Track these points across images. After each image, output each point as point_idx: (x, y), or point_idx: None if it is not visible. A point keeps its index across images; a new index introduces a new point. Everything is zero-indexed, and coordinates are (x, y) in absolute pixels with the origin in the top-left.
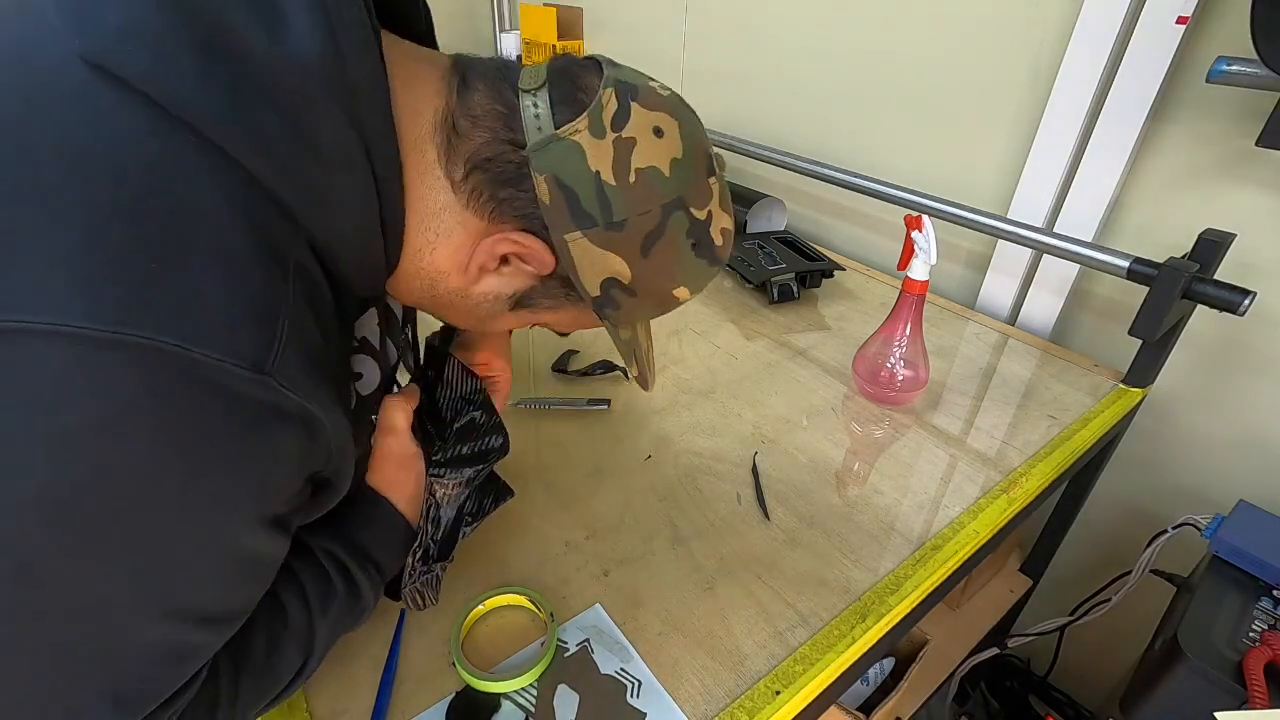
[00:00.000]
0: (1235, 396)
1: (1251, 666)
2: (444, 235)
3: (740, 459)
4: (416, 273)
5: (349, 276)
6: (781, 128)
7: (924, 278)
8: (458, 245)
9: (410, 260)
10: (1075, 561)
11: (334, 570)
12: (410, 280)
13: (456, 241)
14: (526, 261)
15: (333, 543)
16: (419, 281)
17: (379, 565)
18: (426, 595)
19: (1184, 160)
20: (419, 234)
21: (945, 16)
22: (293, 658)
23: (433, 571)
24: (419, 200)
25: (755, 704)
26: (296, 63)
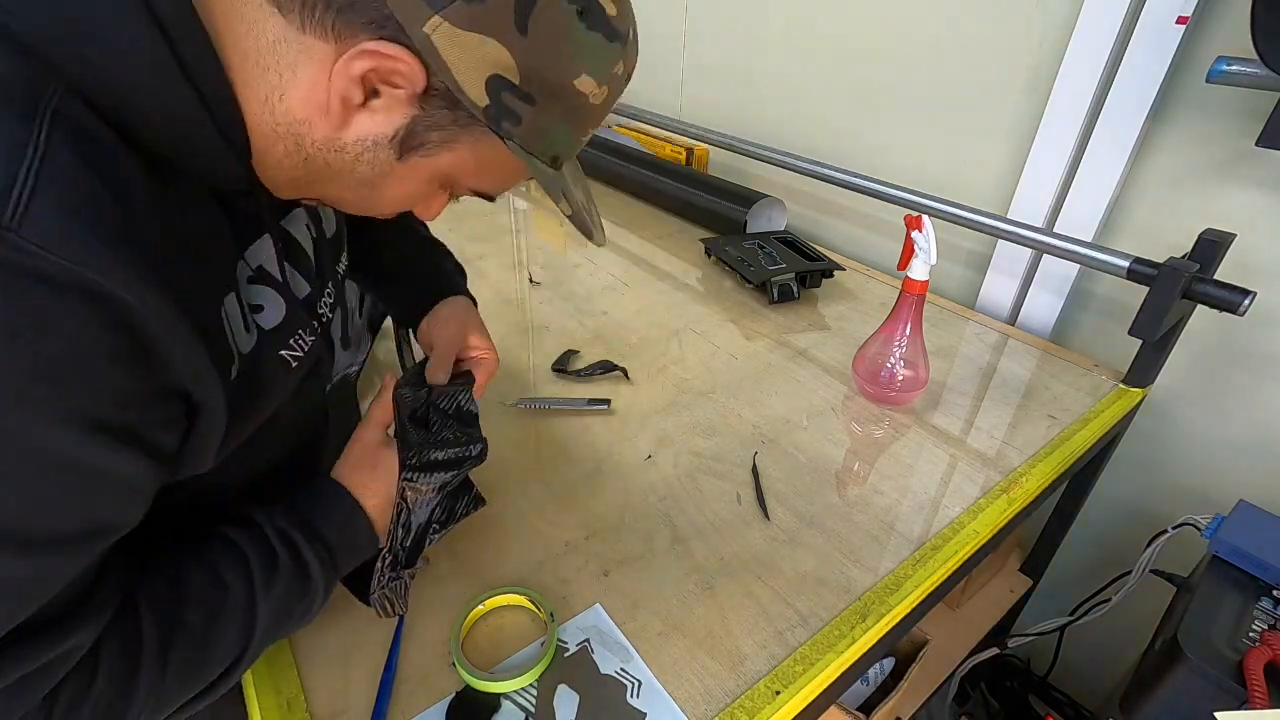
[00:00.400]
0: (1235, 396)
1: (1251, 666)
2: (288, 74)
3: (740, 459)
4: (274, 135)
5: (167, 147)
6: (781, 128)
7: (924, 278)
8: (309, 82)
9: (260, 118)
10: (1075, 561)
11: (280, 544)
12: (274, 148)
13: (306, 78)
14: (393, 83)
15: (283, 520)
16: (282, 146)
17: (330, 548)
18: (396, 603)
19: (1184, 160)
20: (257, 81)
21: (945, 16)
22: (230, 636)
23: (401, 578)
24: (240, 38)
25: (755, 704)
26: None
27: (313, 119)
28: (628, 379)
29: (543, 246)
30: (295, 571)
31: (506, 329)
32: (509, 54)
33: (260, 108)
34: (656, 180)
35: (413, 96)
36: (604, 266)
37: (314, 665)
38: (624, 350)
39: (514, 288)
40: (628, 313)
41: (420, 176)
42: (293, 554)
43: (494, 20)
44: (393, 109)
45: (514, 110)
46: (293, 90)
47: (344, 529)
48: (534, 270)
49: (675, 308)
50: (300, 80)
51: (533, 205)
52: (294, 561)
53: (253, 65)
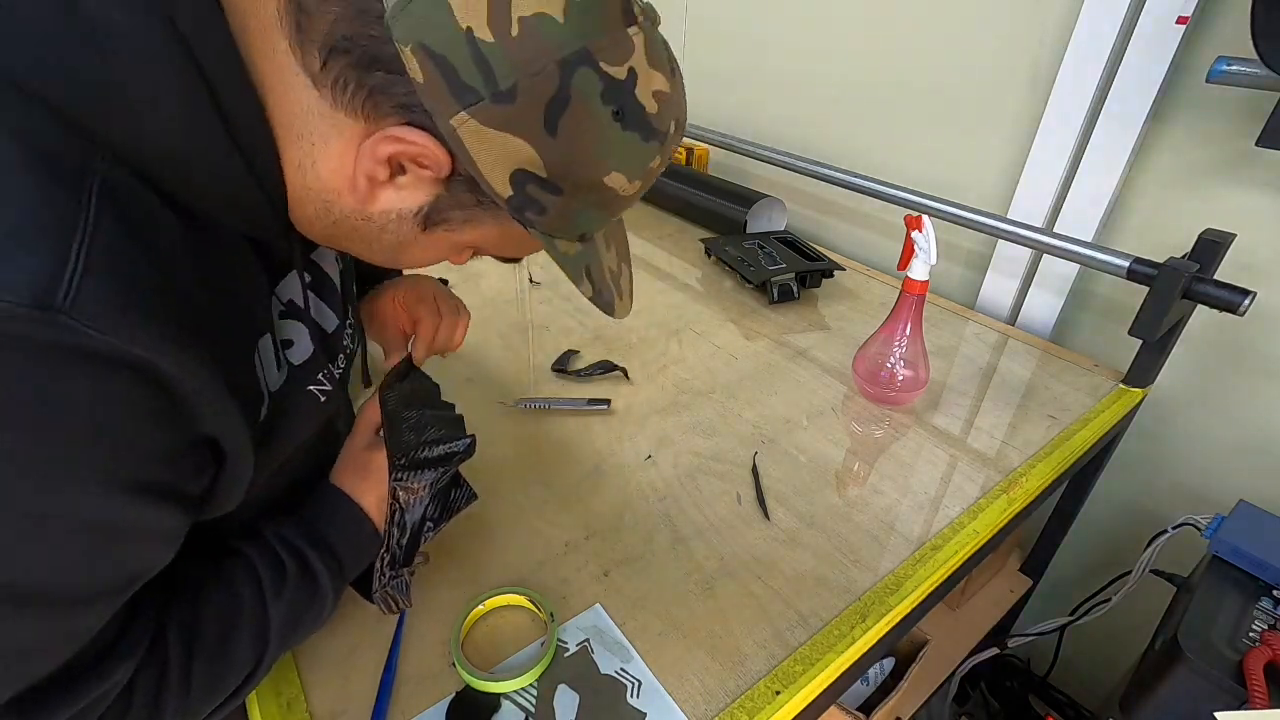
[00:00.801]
0: (1235, 396)
1: (1251, 666)
2: (320, 145)
3: (740, 459)
4: (305, 196)
5: (211, 205)
6: (781, 128)
7: (924, 278)
8: (338, 155)
9: (293, 179)
10: (1075, 561)
11: (287, 554)
12: (304, 207)
13: (335, 151)
14: (420, 164)
15: (288, 529)
16: (312, 208)
17: (336, 553)
18: (399, 599)
19: (1184, 160)
20: (293, 146)
21: (945, 16)
22: (246, 646)
23: (401, 576)
24: (281, 102)
25: (755, 704)
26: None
27: (341, 190)
28: (628, 379)
29: None
30: (303, 578)
31: (506, 329)
32: (536, 152)
33: (294, 171)
34: (656, 180)
35: (437, 179)
36: None
37: (314, 665)
38: (624, 350)
39: (514, 288)
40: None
41: (444, 245)
42: (299, 562)
43: (523, 121)
44: (418, 187)
45: (538, 200)
46: (323, 161)
47: (346, 532)
48: (534, 270)
49: (675, 308)
50: (330, 153)
51: None
52: (301, 569)
53: (287, 130)
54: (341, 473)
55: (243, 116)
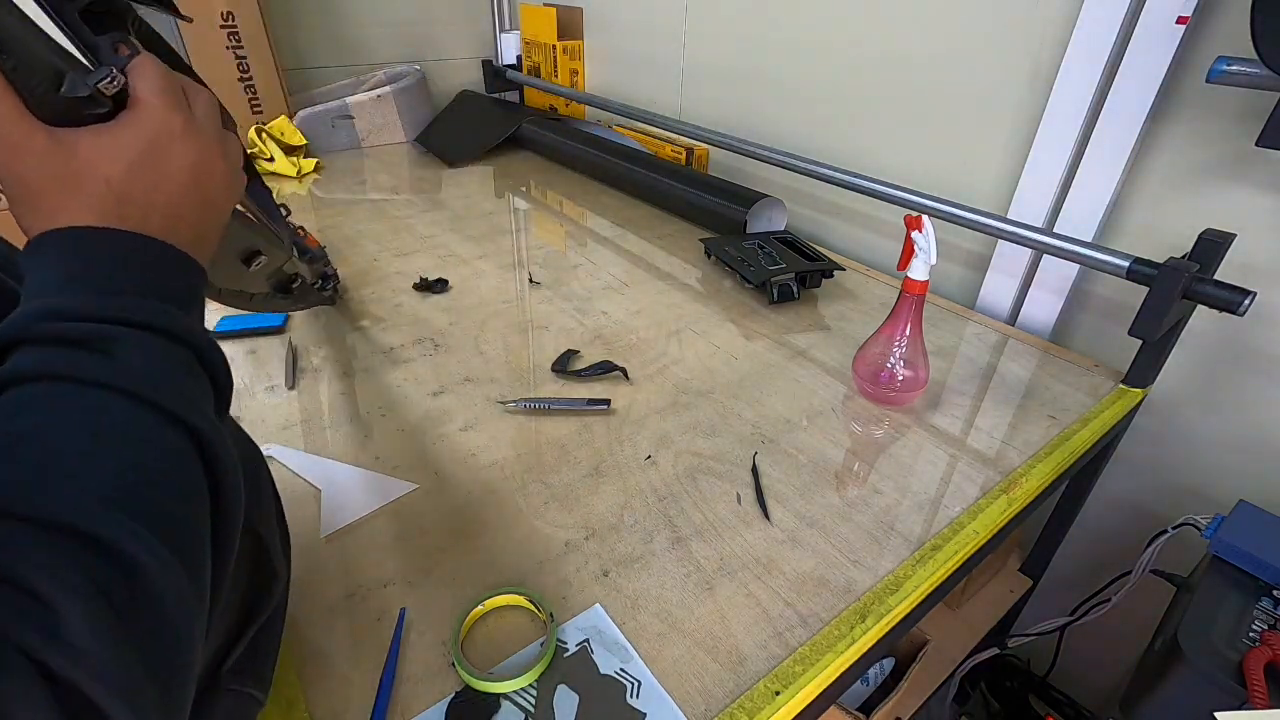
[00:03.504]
0: (1235, 396)
1: (1251, 666)
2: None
3: (740, 459)
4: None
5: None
6: (781, 128)
7: (924, 278)
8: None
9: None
10: (1075, 561)
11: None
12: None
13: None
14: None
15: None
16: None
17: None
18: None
19: (1184, 160)
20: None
21: (945, 16)
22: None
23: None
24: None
25: (755, 704)
26: None
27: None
28: (628, 379)
29: (542, 246)
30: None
31: (506, 329)
32: None
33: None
34: (656, 180)
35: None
36: (604, 266)
37: (314, 665)
38: (624, 350)
39: (514, 288)
40: (628, 313)
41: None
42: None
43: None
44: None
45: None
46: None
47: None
48: (534, 270)
49: (675, 308)
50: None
51: (533, 205)
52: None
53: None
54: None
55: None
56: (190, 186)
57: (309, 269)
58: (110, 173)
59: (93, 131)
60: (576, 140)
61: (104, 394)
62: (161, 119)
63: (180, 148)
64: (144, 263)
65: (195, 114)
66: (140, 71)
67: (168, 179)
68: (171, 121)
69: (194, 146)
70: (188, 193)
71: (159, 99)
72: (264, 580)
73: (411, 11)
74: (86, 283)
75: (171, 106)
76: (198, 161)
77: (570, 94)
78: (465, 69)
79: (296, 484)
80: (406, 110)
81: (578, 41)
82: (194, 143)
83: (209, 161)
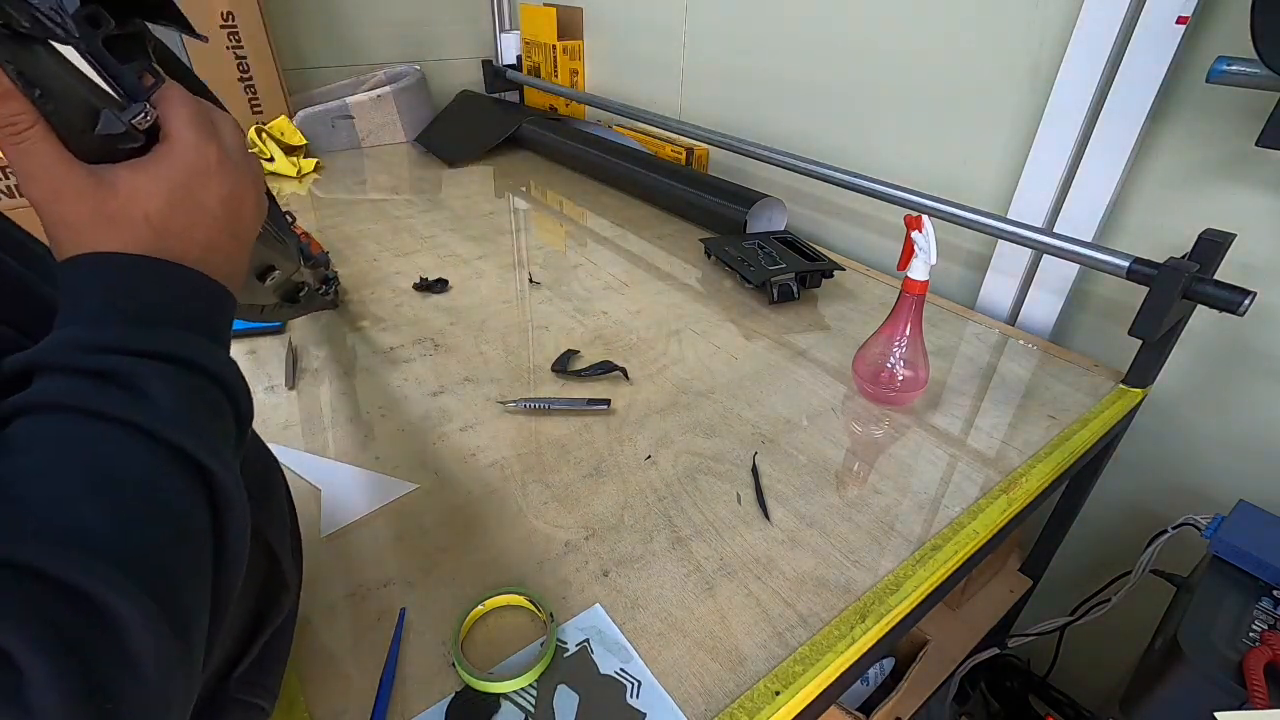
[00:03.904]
0: (1235, 396)
1: (1251, 666)
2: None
3: (740, 459)
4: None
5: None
6: (781, 128)
7: (924, 278)
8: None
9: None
10: (1075, 561)
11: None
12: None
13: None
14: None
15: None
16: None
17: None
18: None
19: (1184, 160)
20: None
21: (945, 16)
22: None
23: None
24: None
25: (755, 704)
26: None
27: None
28: (628, 379)
29: (542, 246)
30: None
31: (506, 329)
32: None
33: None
34: (656, 180)
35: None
36: (604, 266)
37: (314, 665)
38: (624, 350)
39: (514, 288)
40: (628, 313)
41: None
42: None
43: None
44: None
45: None
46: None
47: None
48: (534, 270)
49: (675, 308)
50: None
51: (532, 205)
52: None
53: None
54: (69, 233)
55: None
56: (225, 218)
57: (313, 274)
58: (150, 209)
59: (130, 168)
60: (576, 140)
61: (123, 431)
62: (196, 152)
63: (215, 180)
64: (181, 295)
65: (224, 143)
66: (169, 102)
67: (204, 211)
68: (206, 154)
69: (228, 178)
70: (222, 224)
71: (191, 132)
72: (274, 590)
73: (411, 11)
74: (123, 311)
75: (204, 138)
76: (231, 193)
77: (570, 94)
78: (465, 69)
79: (297, 484)
80: (406, 110)
81: (578, 41)
82: (228, 175)
83: (241, 192)
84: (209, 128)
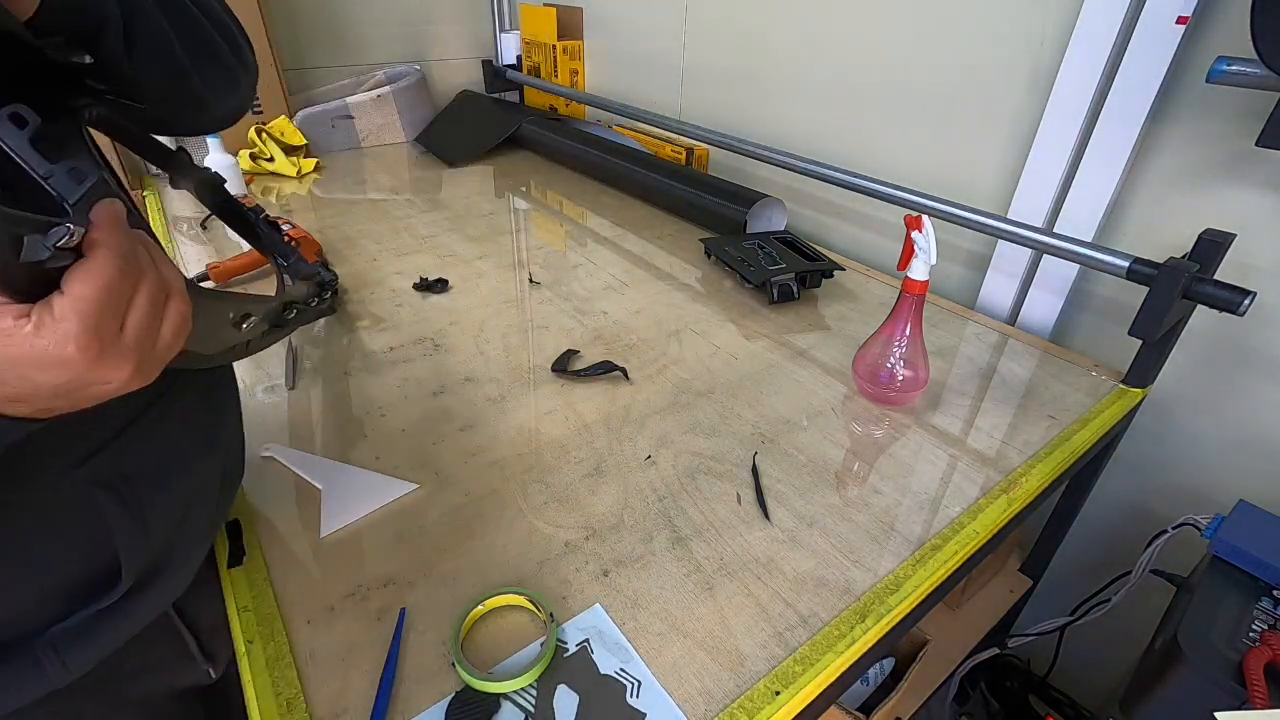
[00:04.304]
0: (1235, 396)
1: (1251, 666)
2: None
3: (740, 459)
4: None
5: None
6: (781, 128)
7: (924, 278)
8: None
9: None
10: (1075, 561)
11: None
12: None
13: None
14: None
15: None
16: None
17: None
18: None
19: (1184, 160)
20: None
21: (945, 16)
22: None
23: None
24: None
25: (755, 704)
26: None
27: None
28: (628, 379)
29: (542, 246)
30: None
31: (506, 329)
32: None
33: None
34: (656, 180)
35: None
36: (604, 266)
37: (314, 665)
38: (624, 350)
39: (514, 288)
40: (628, 313)
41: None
42: None
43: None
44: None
45: None
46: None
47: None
48: (534, 270)
49: (675, 308)
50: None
51: (532, 205)
52: None
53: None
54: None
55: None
56: (42, 397)
57: (305, 288)
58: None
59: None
60: (576, 140)
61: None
62: (63, 344)
63: (58, 372)
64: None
65: (127, 325)
66: (98, 228)
67: (25, 383)
68: (77, 346)
69: (77, 372)
70: (34, 399)
71: (78, 321)
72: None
73: (411, 11)
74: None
75: (86, 332)
76: (68, 383)
77: (570, 94)
78: (465, 69)
79: (297, 484)
80: (406, 110)
81: (578, 41)
82: (85, 368)
83: (81, 382)
84: (114, 301)
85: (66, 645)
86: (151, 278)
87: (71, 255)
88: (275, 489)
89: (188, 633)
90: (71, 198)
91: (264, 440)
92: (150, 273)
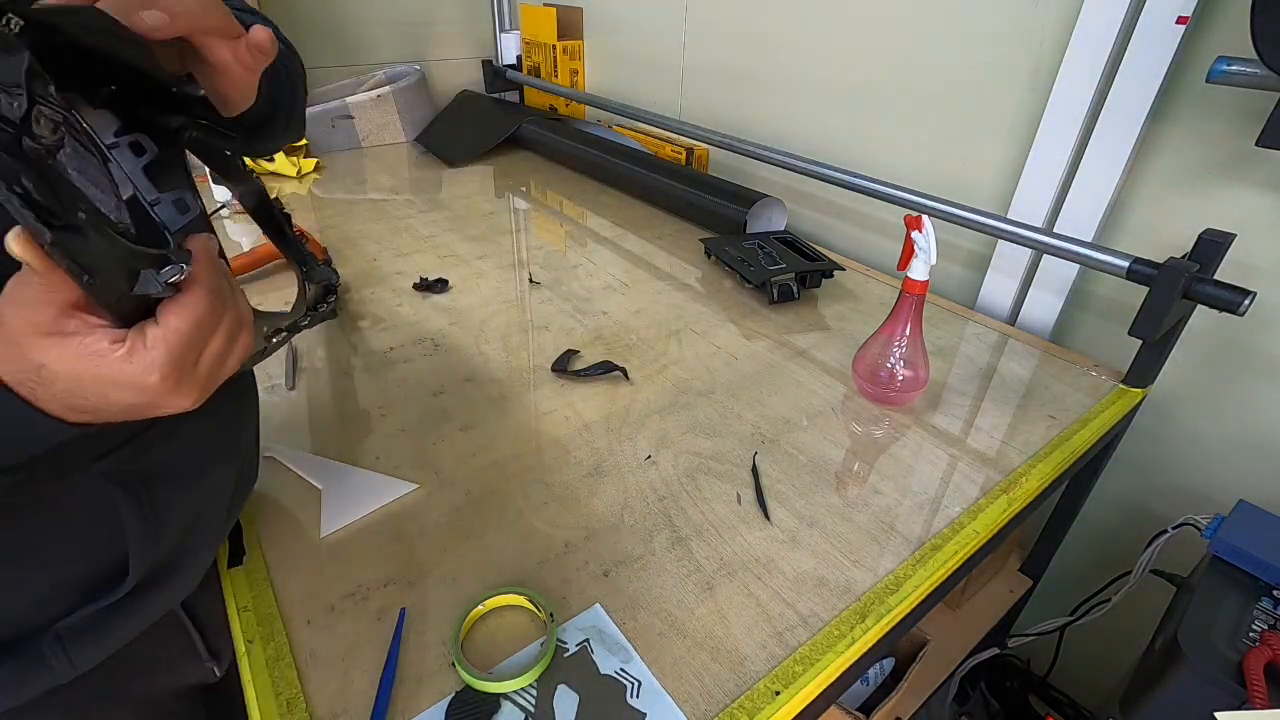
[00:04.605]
0: (1235, 396)
1: (1251, 666)
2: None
3: (740, 459)
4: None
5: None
6: (781, 128)
7: (924, 278)
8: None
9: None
10: (1075, 561)
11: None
12: None
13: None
14: None
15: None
16: None
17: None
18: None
19: (1184, 160)
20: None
21: (945, 16)
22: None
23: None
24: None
25: (755, 704)
26: None
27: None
28: (628, 379)
29: (542, 246)
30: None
31: (506, 329)
32: None
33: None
34: (656, 180)
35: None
36: (604, 266)
37: (314, 665)
38: (624, 350)
39: (514, 288)
40: (628, 313)
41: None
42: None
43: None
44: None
45: None
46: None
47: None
48: (534, 270)
49: (675, 308)
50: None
51: (532, 205)
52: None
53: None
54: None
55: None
56: (116, 412)
57: (314, 291)
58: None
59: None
60: (576, 140)
61: None
62: (147, 374)
63: (135, 395)
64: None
65: (203, 357)
66: (193, 276)
67: (102, 400)
68: (159, 377)
69: (151, 397)
70: (104, 412)
71: (167, 354)
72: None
73: (411, 11)
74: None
75: (174, 369)
76: (135, 406)
77: (570, 94)
78: (465, 69)
79: (297, 484)
80: (406, 110)
81: (578, 41)
82: (161, 395)
83: (151, 407)
84: (201, 337)
85: (72, 640)
86: (231, 315)
87: (173, 291)
88: (275, 489)
89: (194, 630)
90: (174, 227)
91: (264, 440)
92: (231, 310)
